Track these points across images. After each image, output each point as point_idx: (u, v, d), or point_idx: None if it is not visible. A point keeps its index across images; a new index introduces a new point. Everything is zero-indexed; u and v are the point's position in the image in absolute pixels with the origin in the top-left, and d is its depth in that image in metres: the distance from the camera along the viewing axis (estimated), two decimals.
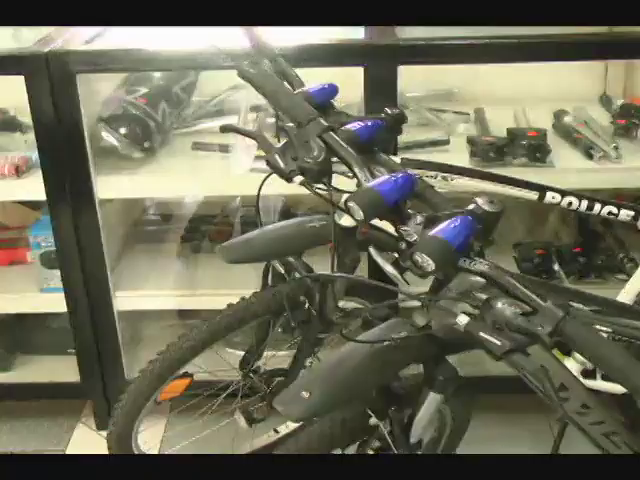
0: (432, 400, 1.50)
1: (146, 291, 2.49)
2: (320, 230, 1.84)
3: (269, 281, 1.97)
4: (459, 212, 1.23)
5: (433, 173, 1.87)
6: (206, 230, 2.72)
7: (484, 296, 1.20)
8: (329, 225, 1.70)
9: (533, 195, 1.90)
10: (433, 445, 1.88)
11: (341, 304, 1.91)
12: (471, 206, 1.25)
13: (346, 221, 1.72)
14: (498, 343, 1.14)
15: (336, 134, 1.41)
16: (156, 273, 2.57)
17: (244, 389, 2.14)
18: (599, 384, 2.16)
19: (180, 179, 2.35)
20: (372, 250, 1.32)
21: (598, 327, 1.18)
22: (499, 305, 1.17)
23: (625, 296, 2.05)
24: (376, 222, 1.31)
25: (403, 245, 1.24)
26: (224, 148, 2.37)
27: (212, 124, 2.50)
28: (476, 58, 2.10)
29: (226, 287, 2.37)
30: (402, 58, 2.07)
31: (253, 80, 1.54)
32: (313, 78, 1.60)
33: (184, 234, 2.76)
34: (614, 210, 1.92)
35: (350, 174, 1.37)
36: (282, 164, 1.37)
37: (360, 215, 1.22)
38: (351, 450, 1.61)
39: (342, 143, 1.37)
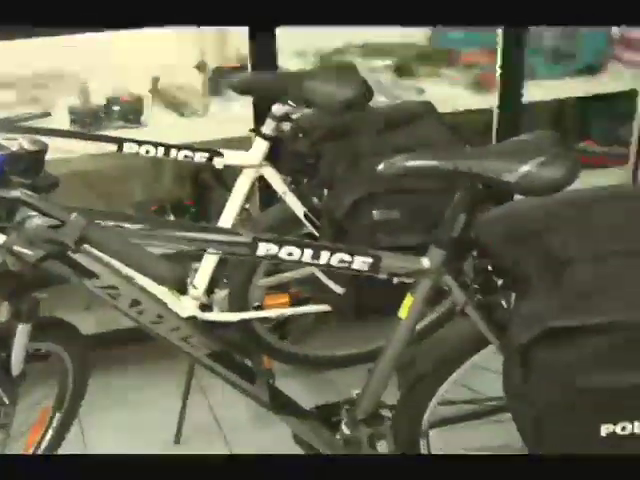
0: (22, 331, 1.67)
1: None
2: None
3: None
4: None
5: (19, 135, 2.02)
6: None
7: None
8: None
9: (113, 147, 2.13)
10: (58, 403, 2.04)
11: None
12: (14, 147, 1.43)
13: None
14: (30, 253, 1.34)
15: None
16: None
17: None
18: (215, 315, 2.43)
19: None
20: None
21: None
22: (31, 222, 1.35)
23: None
24: None
25: None
26: None
27: None
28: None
29: None
30: None
31: None
32: None
33: None
34: (189, 154, 2.20)
35: None
36: None
37: None
38: None
39: None
